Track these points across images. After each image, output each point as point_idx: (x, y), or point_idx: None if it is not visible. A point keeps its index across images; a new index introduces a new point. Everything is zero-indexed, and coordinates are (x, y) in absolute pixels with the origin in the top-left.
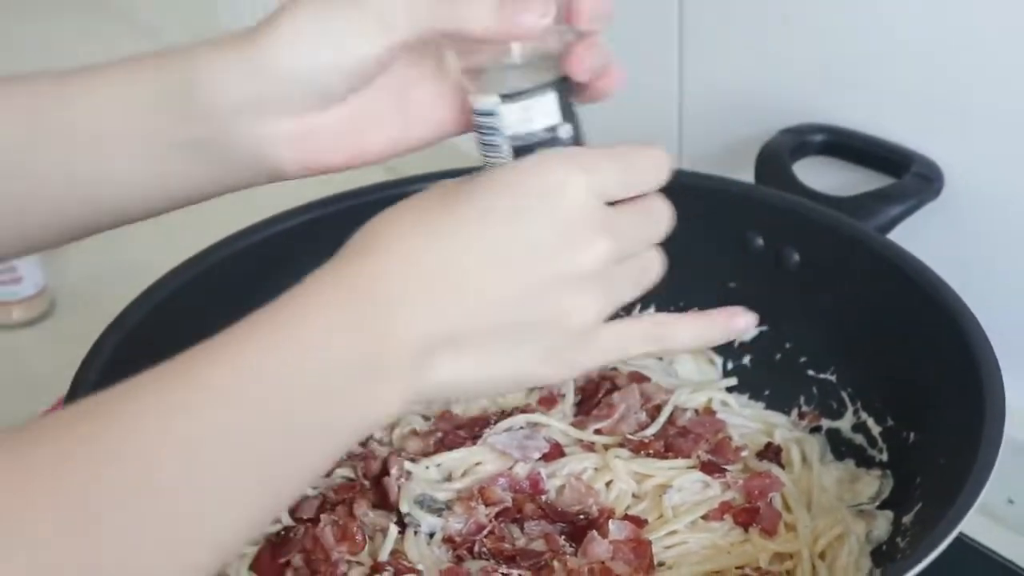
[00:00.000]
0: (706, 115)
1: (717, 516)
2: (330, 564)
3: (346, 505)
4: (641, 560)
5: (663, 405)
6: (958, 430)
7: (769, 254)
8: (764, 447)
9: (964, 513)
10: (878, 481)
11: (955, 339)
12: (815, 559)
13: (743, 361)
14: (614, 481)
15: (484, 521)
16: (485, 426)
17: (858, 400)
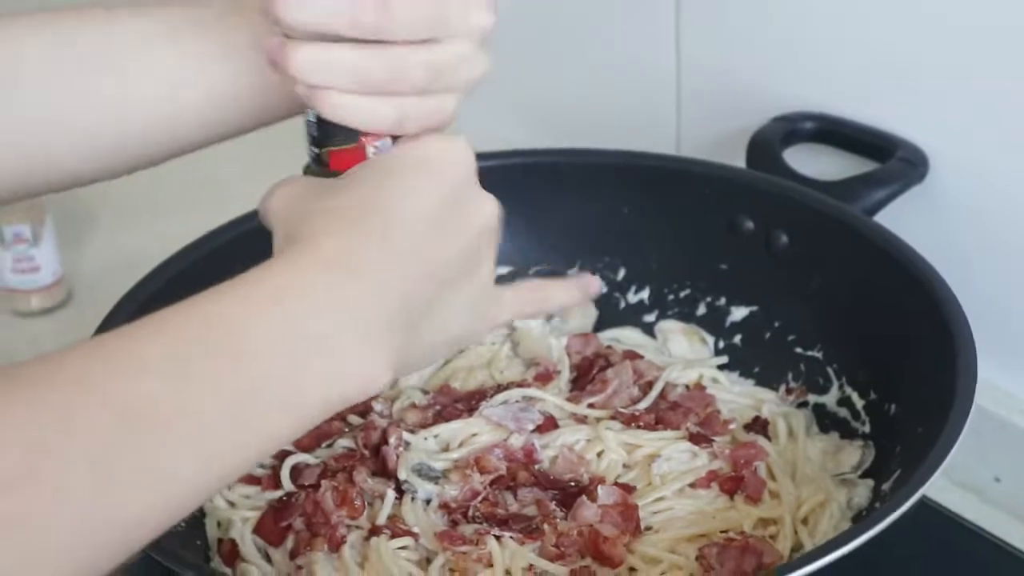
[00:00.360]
0: (702, 104)
1: (704, 484)
2: (330, 527)
3: (346, 472)
4: (628, 523)
5: (655, 381)
6: (934, 400)
7: (759, 237)
8: (752, 420)
9: (930, 474)
10: (860, 451)
11: (932, 313)
12: (797, 524)
13: (734, 340)
14: (605, 451)
15: (479, 488)
16: (482, 399)
17: (843, 375)
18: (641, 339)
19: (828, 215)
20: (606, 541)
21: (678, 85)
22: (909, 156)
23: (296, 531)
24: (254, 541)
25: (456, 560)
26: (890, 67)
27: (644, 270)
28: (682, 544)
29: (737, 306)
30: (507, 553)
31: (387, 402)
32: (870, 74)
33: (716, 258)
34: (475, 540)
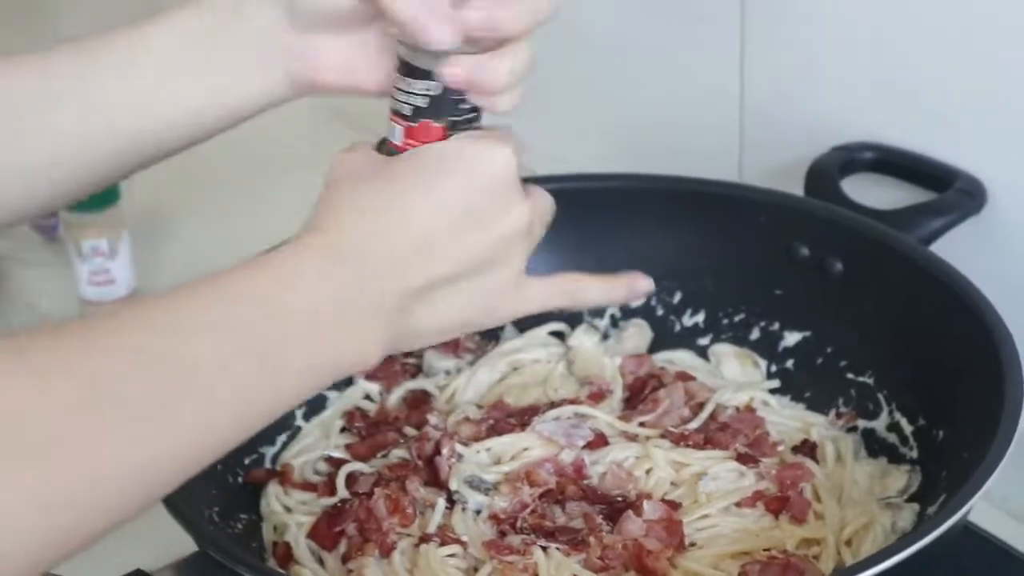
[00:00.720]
0: (765, 132)
1: (750, 503)
2: (381, 533)
3: (399, 481)
4: (672, 538)
5: (706, 402)
6: (981, 426)
7: (814, 263)
8: (800, 443)
9: (972, 494)
10: (907, 476)
11: (982, 340)
12: (841, 545)
13: (786, 364)
14: (653, 469)
15: (528, 500)
16: (535, 415)
17: (893, 401)
18: (694, 361)
19: (882, 243)
20: (649, 555)
21: (741, 113)
22: (967, 187)
23: (349, 536)
24: (308, 545)
25: (503, 569)
26: (950, 98)
27: (700, 294)
28: (725, 561)
29: (790, 331)
30: (552, 563)
31: (442, 415)
32: (930, 105)
33: (771, 283)
34: (522, 550)
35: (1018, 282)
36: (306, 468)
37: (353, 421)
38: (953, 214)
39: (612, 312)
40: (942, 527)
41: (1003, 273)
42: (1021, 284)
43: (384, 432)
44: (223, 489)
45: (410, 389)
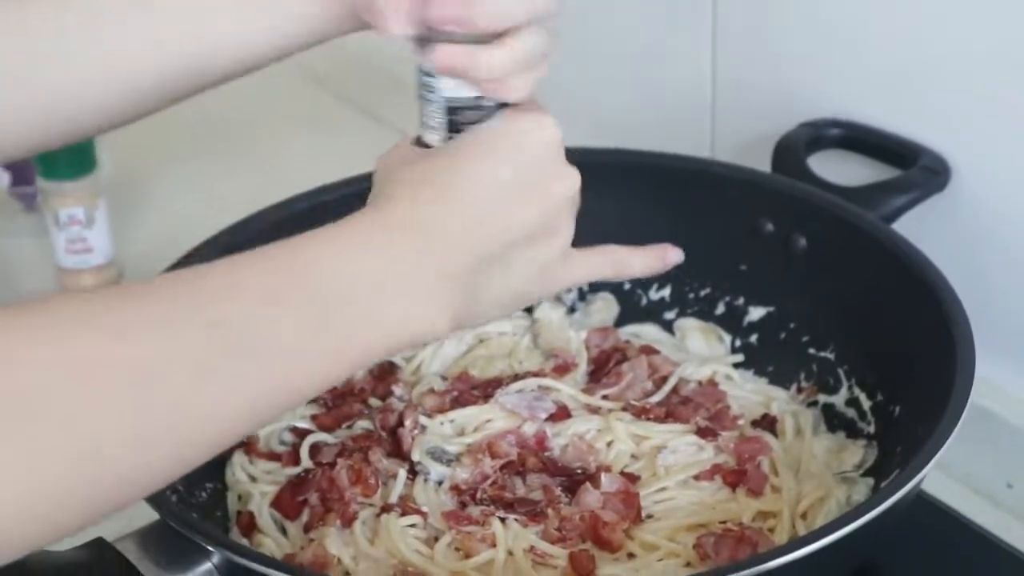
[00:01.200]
0: (736, 108)
1: (708, 476)
2: (343, 503)
3: (362, 452)
4: (629, 510)
5: (669, 376)
6: (936, 401)
7: (779, 239)
8: (760, 417)
9: (923, 465)
10: (863, 450)
11: (936, 316)
12: (796, 518)
13: (750, 339)
14: (614, 442)
15: (489, 472)
16: (498, 387)
17: (853, 377)
18: (660, 335)
19: (845, 220)
20: (606, 526)
21: (713, 89)
22: (931, 164)
23: (311, 506)
24: (271, 514)
25: (461, 539)
26: (917, 76)
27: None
28: (681, 533)
29: (755, 306)
30: (510, 534)
31: (407, 387)
32: (897, 82)
33: (737, 259)
34: (481, 521)
35: (980, 260)
36: (272, 438)
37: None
38: (917, 191)
39: (579, 286)
40: (892, 498)
41: (966, 251)
42: (983, 262)
43: (350, 403)
44: None
45: (376, 361)
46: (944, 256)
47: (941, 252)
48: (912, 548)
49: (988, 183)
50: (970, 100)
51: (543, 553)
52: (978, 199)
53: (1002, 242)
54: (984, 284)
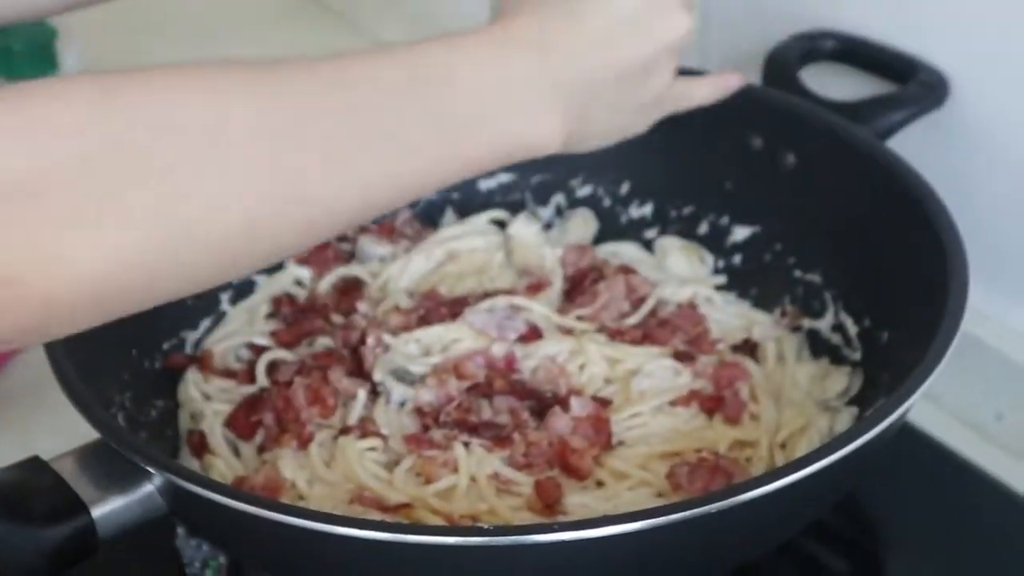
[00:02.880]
0: (728, 19)
1: (684, 403)
2: (299, 424)
3: (321, 371)
4: (599, 436)
5: (647, 297)
6: (926, 327)
7: (766, 155)
8: (741, 342)
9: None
10: (847, 377)
11: (929, 237)
12: (775, 448)
13: (734, 260)
14: (587, 364)
15: (454, 393)
16: (467, 306)
17: (840, 301)
18: (639, 254)
19: (837, 136)
20: (574, 453)
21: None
22: (929, 79)
23: (266, 427)
24: (224, 435)
25: (422, 464)
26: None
27: (648, 185)
28: (653, 461)
29: (740, 226)
30: (473, 460)
31: (372, 304)
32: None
33: (723, 176)
34: (443, 445)
35: (977, 181)
36: (228, 355)
37: (280, 307)
38: (913, 107)
39: (557, 202)
40: (876, 429)
41: (963, 172)
42: (980, 184)
43: (311, 319)
44: (138, 374)
45: (342, 276)
46: (940, 176)
47: (937, 172)
48: (897, 480)
49: (988, 100)
50: (970, 12)
51: (507, 480)
52: (977, 116)
53: (1001, 162)
54: (981, 207)
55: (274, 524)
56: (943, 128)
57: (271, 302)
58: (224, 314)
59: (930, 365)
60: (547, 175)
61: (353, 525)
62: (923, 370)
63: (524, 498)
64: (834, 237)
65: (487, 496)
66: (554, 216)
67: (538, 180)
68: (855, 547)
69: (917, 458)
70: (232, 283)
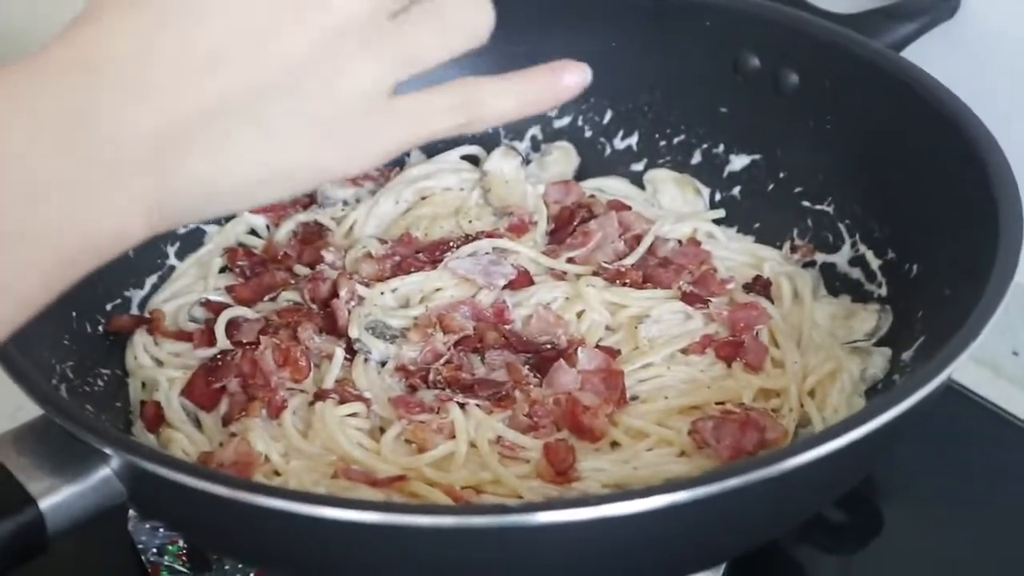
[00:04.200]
0: None
1: (698, 350)
2: (269, 390)
3: (290, 329)
4: (612, 391)
5: (643, 235)
6: (967, 258)
7: (765, 75)
8: (752, 280)
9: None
10: (876, 316)
11: (967, 160)
12: (803, 397)
13: (732, 192)
14: (586, 311)
15: (441, 349)
16: (447, 250)
17: (856, 232)
18: (628, 189)
19: (845, 50)
20: (586, 411)
21: None
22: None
23: (231, 394)
24: (182, 405)
25: (414, 430)
26: None
27: (633, 113)
28: (672, 417)
29: (737, 154)
30: (472, 423)
31: (339, 252)
32: None
33: (715, 100)
34: (436, 408)
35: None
36: (180, 314)
37: (235, 259)
38: (924, 17)
39: (533, 133)
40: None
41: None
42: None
43: (272, 271)
44: (79, 340)
45: (302, 222)
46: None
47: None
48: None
49: (1003, 8)
50: None
51: (512, 445)
52: (991, 27)
53: (1018, 74)
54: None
55: (260, 510)
56: (954, 41)
57: (224, 254)
58: (172, 269)
59: (985, 311)
60: None
61: (351, 507)
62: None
63: (532, 464)
64: (845, 162)
65: (490, 464)
66: (530, 150)
67: None
68: (853, 496)
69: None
70: (178, 233)
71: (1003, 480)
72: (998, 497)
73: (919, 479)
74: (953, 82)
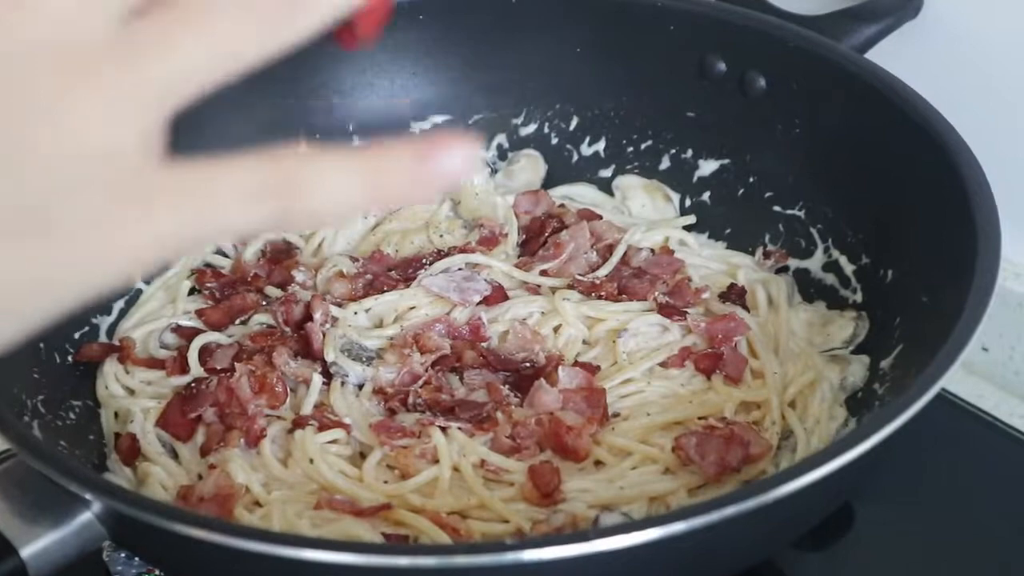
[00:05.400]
0: None
1: (677, 363)
2: (247, 418)
3: (265, 354)
4: (595, 410)
5: (616, 244)
6: (942, 264)
7: (732, 80)
8: (727, 289)
9: (955, 357)
10: (853, 323)
11: (940, 165)
12: (784, 408)
13: (702, 197)
14: (563, 326)
15: (419, 371)
16: (420, 268)
17: (829, 237)
18: (597, 196)
19: (812, 53)
20: (570, 431)
21: None
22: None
23: (207, 424)
24: (158, 436)
25: (396, 456)
26: None
27: (600, 118)
28: (655, 433)
29: (706, 159)
30: (455, 447)
31: (310, 271)
32: None
33: (682, 104)
34: (417, 432)
35: (959, 96)
36: (150, 340)
37: (204, 281)
38: (888, 18)
39: (499, 141)
40: (924, 397)
41: (942, 86)
42: (961, 99)
43: (242, 293)
44: (48, 372)
45: (269, 241)
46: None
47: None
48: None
49: (965, 8)
50: None
51: (497, 468)
52: (955, 27)
53: (983, 74)
54: (964, 123)
55: (242, 553)
56: (919, 41)
57: (192, 275)
58: (139, 293)
59: (970, 320)
60: (486, 113)
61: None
62: (964, 326)
63: (517, 487)
64: (816, 166)
65: (475, 488)
66: (496, 159)
67: (477, 119)
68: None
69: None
70: None
71: (973, 474)
72: (966, 491)
73: (888, 474)
74: (919, 82)
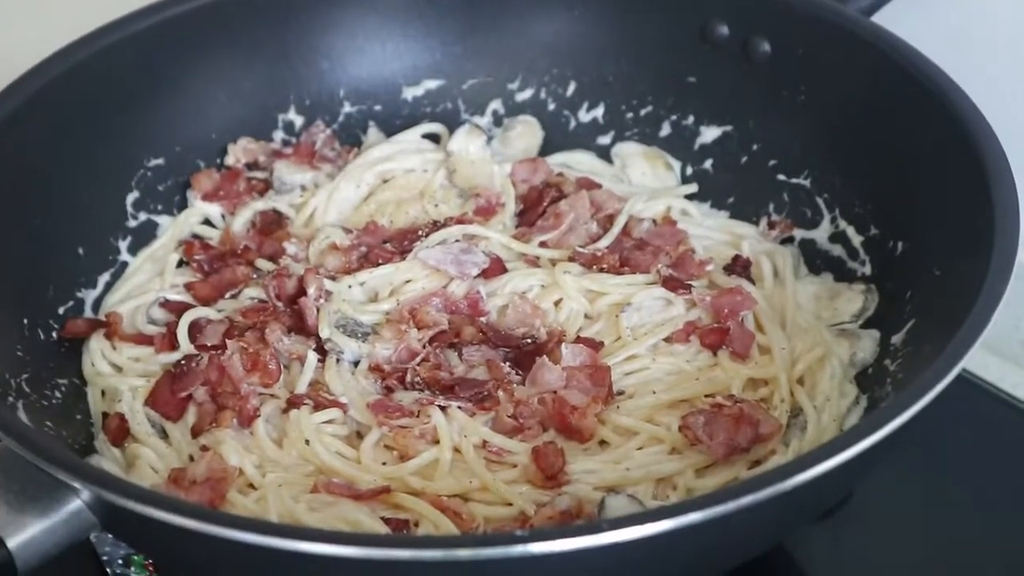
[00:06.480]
0: None
1: (682, 338)
2: (239, 398)
3: (257, 330)
4: (599, 388)
5: (616, 215)
6: (959, 236)
7: (735, 45)
8: (731, 260)
9: (976, 335)
10: (862, 296)
11: (952, 132)
12: (793, 385)
13: (704, 165)
14: (564, 300)
15: (416, 347)
16: (415, 239)
17: (836, 207)
18: (596, 164)
19: (819, 17)
20: (574, 411)
21: None
22: None
23: (198, 403)
24: (147, 415)
25: (395, 436)
26: None
27: (598, 84)
28: (661, 412)
29: (708, 125)
30: (455, 427)
31: (302, 243)
32: None
33: (684, 70)
34: (416, 411)
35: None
36: (137, 315)
37: (192, 253)
38: None
39: (494, 108)
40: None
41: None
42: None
43: (232, 266)
44: (32, 349)
45: (259, 211)
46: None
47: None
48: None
49: None
50: None
51: (499, 449)
52: None
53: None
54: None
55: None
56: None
57: (179, 247)
58: (125, 265)
59: (991, 296)
60: (481, 77)
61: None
62: (984, 303)
63: (520, 469)
64: (822, 134)
65: (477, 470)
66: (492, 125)
67: (471, 84)
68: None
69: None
70: (129, 226)
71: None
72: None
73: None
74: (927, 46)
